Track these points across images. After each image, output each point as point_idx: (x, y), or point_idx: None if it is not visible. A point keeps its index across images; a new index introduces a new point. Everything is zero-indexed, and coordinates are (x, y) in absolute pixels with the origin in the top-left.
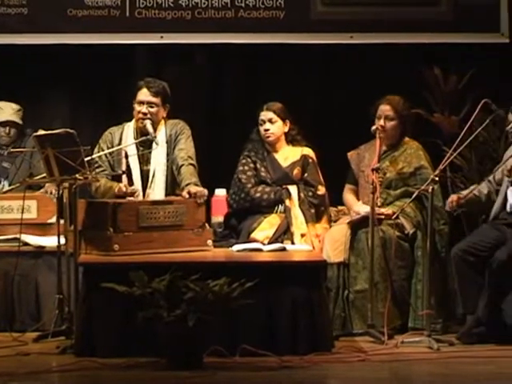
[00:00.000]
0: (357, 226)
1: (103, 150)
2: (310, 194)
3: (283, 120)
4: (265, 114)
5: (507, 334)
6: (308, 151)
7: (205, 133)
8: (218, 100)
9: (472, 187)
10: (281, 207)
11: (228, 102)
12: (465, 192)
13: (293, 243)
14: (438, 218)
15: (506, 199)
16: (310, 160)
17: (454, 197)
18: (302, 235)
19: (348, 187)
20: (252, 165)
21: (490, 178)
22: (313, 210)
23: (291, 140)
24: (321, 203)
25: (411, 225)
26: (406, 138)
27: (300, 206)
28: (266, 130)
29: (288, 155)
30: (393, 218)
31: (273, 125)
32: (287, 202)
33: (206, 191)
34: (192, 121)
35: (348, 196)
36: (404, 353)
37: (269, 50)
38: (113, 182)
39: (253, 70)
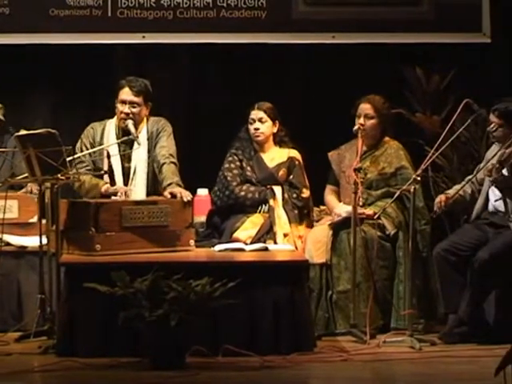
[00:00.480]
0: (338, 226)
1: (85, 146)
2: (295, 195)
3: (273, 120)
4: (255, 113)
5: (489, 334)
6: (295, 153)
7: (186, 132)
8: (199, 99)
9: (457, 186)
10: (264, 207)
11: (210, 101)
12: (451, 192)
13: (275, 243)
14: (420, 219)
15: (487, 199)
16: (297, 162)
17: (442, 197)
18: (285, 235)
19: (329, 188)
20: (238, 163)
21: (473, 178)
22: (296, 211)
23: (279, 141)
24: (305, 206)
25: (392, 225)
26: (387, 138)
27: (284, 206)
28: (256, 129)
29: (275, 156)
30: (374, 218)
31: (263, 124)
32: (271, 201)
33: (188, 193)
34: (173, 120)
35: (329, 197)
36: (386, 352)
37: (251, 49)
38: (98, 180)
39: (235, 69)
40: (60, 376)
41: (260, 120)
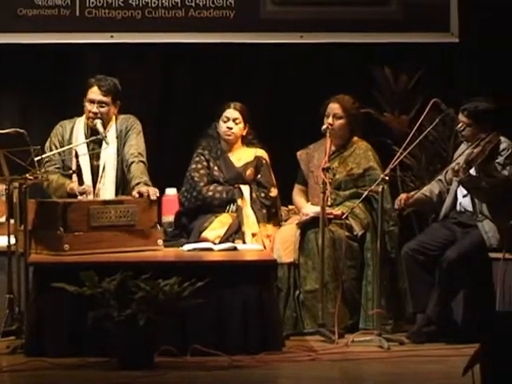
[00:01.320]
0: (306, 226)
1: (54, 144)
2: (263, 195)
3: (245, 122)
4: (231, 113)
5: (457, 333)
6: (262, 153)
7: (155, 131)
8: (168, 99)
9: (425, 188)
10: (233, 206)
11: (178, 100)
12: (413, 192)
13: (244, 243)
14: (388, 219)
15: (456, 198)
16: (264, 161)
17: (402, 195)
18: (254, 235)
19: (297, 188)
20: (205, 163)
21: (441, 177)
22: (264, 211)
23: (247, 143)
24: (272, 205)
25: (360, 226)
26: (355, 138)
27: (252, 205)
28: (229, 129)
29: (242, 155)
30: (342, 218)
31: (236, 125)
32: (239, 201)
33: (156, 190)
34: (142, 119)
35: (297, 197)
36: (354, 352)
37: (219, 49)
38: (65, 179)
39: (203, 68)
40: (28, 376)
41: (234, 120)
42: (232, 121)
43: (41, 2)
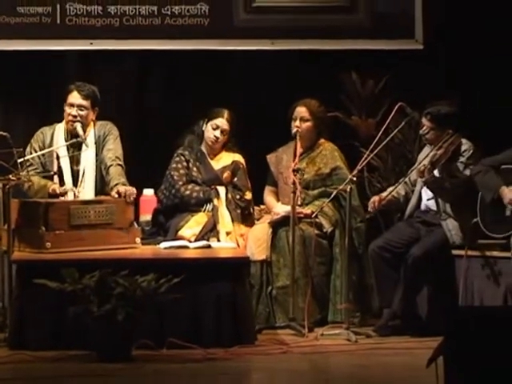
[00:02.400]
0: (277, 225)
1: (35, 149)
2: (238, 197)
3: (231, 131)
4: (222, 123)
5: (421, 327)
6: (239, 158)
7: (133, 134)
8: (146, 103)
9: (390, 189)
10: (209, 206)
11: (155, 105)
12: (384, 194)
13: (218, 241)
14: (355, 217)
15: (420, 199)
16: (241, 166)
17: (375, 198)
18: (228, 233)
19: (268, 189)
20: (185, 163)
21: (406, 179)
22: (239, 211)
23: (226, 148)
24: (247, 207)
25: (329, 223)
26: (322, 140)
27: (227, 206)
28: (217, 138)
29: (220, 159)
30: (312, 217)
31: (223, 136)
32: (215, 201)
33: (134, 190)
34: (121, 123)
35: (268, 198)
36: (324, 345)
37: (194, 55)
38: (46, 181)
39: (179, 74)
40: (11, 368)
41: (223, 131)
42: (221, 131)
43: (23, 10)
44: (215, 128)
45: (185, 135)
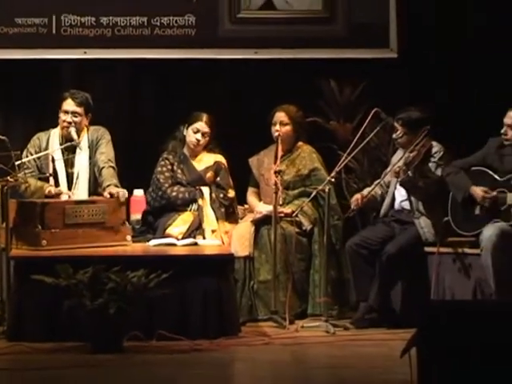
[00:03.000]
0: (259, 223)
1: (31, 153)
2: (222, 195)
3: (212, 132)
4: (202, 126)
5: (395, 319)
6: (221, 158)
7: (124, 139)
8: (136, 110)
9: (368, 189)
10: (194, 206)
11: (145, 111)
12: (365, 192)
13: (204, 238)
14: (333, 215)
15: (394, 199)
16: (223, 166)
17: (358, 196)
18: (213, 231)
19: (251, 190)
20: (169, 166)
21: (381, 181)
22: (223, 210)
23: (208, 150)
24: (230, 204)
25: (309, 222)
26: (300, 143)
27: (211, 205)
28: (197, 140)
29: (203, 160)
30: (293, 216)
31: (204, 138)
32: (200, 201)
33: (125, 191)
34: (113, 128)
35: (251, 198)
36: (304, 336)
37: (182, 63)
38: (43, 183)
39: (167, 81)
40: (10, 359)
41: (203, 134)
42: (201, 134)
43: (20, 21)
44: (196, 131)
45: (168, 141)
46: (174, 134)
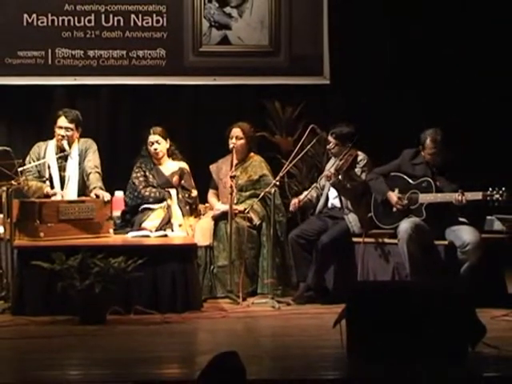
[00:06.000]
0: (218, 218)
1: (33, 159)
2: (187, 195)
3: (165, 139)
4: (152, 137)
5: (329, 297)
6: (184, 164)
7: (107, 149)
8: (116, 125)
9: (306, 193)
10: (164, 204)
11: (123, 126)
12: (302, 196)
13: (173, 231)
14: (278, 212)
15: (327, 198)
16: (186, 171)
17: (295, 200)
18: (180, 225)
19: (211, 191)
20: (142, 173)
21: (317, 185)
22: (187, 207)
23: (171, 154)
24: (193, 203)
25: (258, 218)
26: (252, 154)
27: (178, 204)
28: (155, 149)
29: (169, 167)
30: (245, 212)
31: (159, 145)
32: (169, 200)
33: (108, 195)
34: (98, 140)
35: (211, 198)
36: (254, 311)
37: (154, 88)
38: (42, 184)
39: (142, 103)
40: (14, 330)
41: (157, 142)
42: (155, 143)
43: (22, 53)
44: (151, 144)
45: (138, 158)
46: (140, 153)
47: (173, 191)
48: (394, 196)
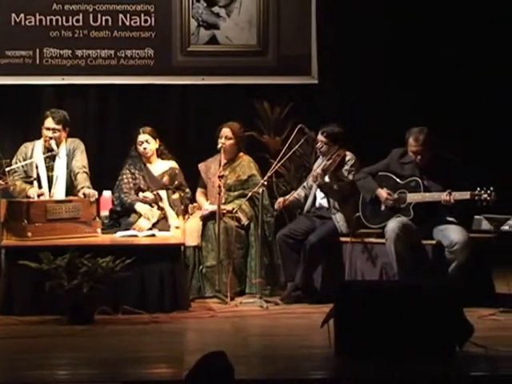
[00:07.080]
0: (206, 218)
1: (19, 160)
2: (183, 194)
3: (155, 139)
4: (142, 137)
5: (317, 296)
6: (174, 164)
7: (95, 149)
8: (104, 124)
9: (293, 192)
10: (156, 206)
11: (111, 126)
12: (287, 196)
13: (165, 231)
14: (266, 213)
15: (315, 198)
16: (177, 170)
17: (280, 200)
18: (177, 227)
19: (199, 190)
20: (130, 175)
21: (305, 184)
22: (183, 207)
23: (160, 154)
24: (190, 201)
25: (246, 218)
26: (241, 153)
27: (171, 204)
28: (145, 149)
29: (159, 167)
30: (233, 212)
31: (149, 144)
32: (160, 203)
33: (96, 192)
34: (86, 139)
35: (199, 198)
36: (242, 310)
37: (142, 88)
38: (26, 185)
39: (130, 102)
40: (2, 329)
41: (146, 141)
42: (145, 142)
43: (10, 53)
44: (140, 144)
45: (127, 160)
46: (130, 153)
47: (163, 193)
48: (383, 192)
